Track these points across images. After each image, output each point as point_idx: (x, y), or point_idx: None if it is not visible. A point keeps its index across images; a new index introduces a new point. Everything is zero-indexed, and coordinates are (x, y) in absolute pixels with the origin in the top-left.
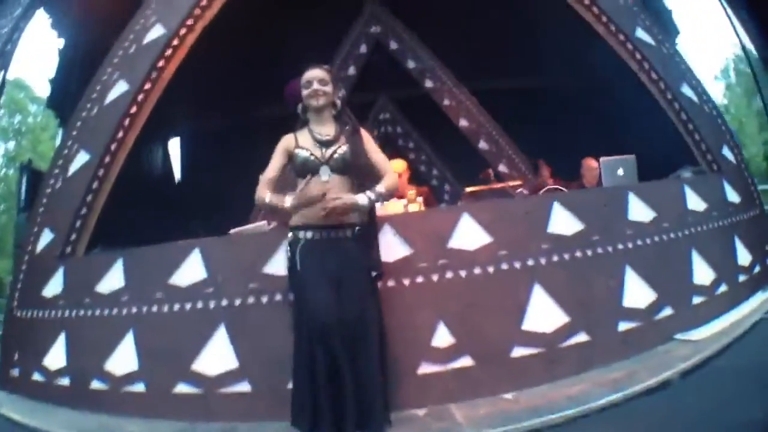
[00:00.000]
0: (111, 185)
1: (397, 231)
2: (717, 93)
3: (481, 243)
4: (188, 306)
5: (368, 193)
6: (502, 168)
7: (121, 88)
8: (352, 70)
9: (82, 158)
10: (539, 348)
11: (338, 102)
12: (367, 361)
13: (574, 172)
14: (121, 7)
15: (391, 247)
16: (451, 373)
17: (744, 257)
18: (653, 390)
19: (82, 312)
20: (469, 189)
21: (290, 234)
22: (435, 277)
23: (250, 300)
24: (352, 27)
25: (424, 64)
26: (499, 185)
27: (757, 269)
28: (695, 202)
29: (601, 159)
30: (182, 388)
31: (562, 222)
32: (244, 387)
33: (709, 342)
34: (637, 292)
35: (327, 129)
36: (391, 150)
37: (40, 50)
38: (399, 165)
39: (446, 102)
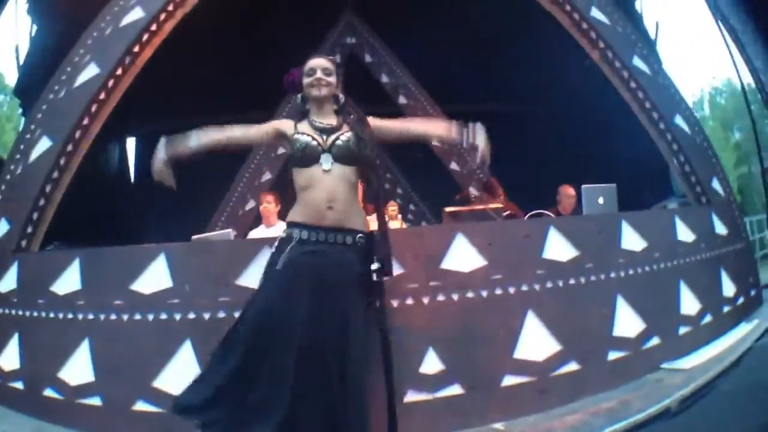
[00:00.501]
0: (71, 176)
1: None
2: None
3: (475, 265)
4: (151, 316)
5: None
6: (473, 190)
7: (91, 71)
8: None
9: (44, 144)
10: (530, 377)
11: (341, 96)
12: (350, 385)
13: (546, 198)
14: None
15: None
16: (440, 402)
17: (729, 289)
18: (654, 418)
19: (36, 313)
20: (448, 209)
21: (285, 230)
22: (426, 300)
23: (221, 314)
24: (327, 36)
25: (398, 79)
26: (480, 207)
27: (740, 300)
28: (685, 234)
29: (583, 186)
30: (142, 406)
31: (558, 248)
32: None
33: (700, 370)
34: (627, 322)
35: (327, 119)
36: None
37: (12, 37)
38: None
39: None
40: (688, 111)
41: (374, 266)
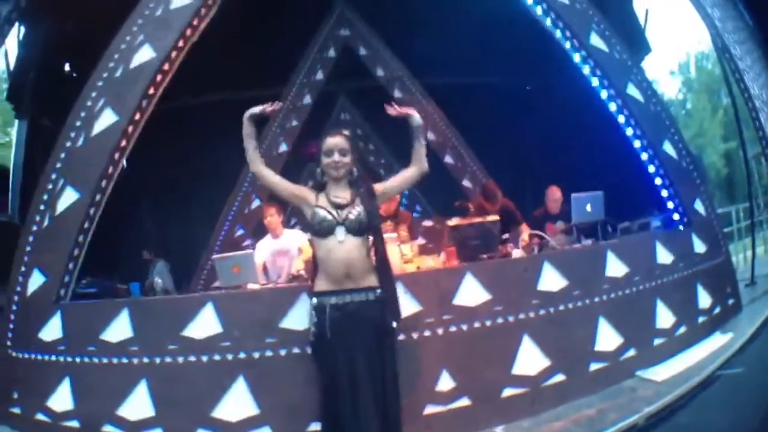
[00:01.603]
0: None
1: (407, 289)
2: (672, 88)
3: (481, 300)
4: (205, 358)
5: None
6: (466, 183)
7: (109, 118)
8: (320, 75)
9: (70, 196)
10: (525, 388)
11: (355, 170)
12: (372, 411)
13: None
14: None
15: (403, 304)
16: (452, 413)
17: (705, 301)
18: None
19: (87, 359)
20: (451, 223)
21: (314, 300)
22: (440, 331)
23: (268, 353)
24: (321, 28)
25: (393, 72)
26: (478, 219)
27: (717, 310)
28: (664, 256)
29: (572, 195)
30: None
31: (550, 280)
32: None
33: (668, 385)
34: (607, 338)
35: (343, 193)
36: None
37: None
38: None
39: None
40: (677, 136)
41: (394, 325)
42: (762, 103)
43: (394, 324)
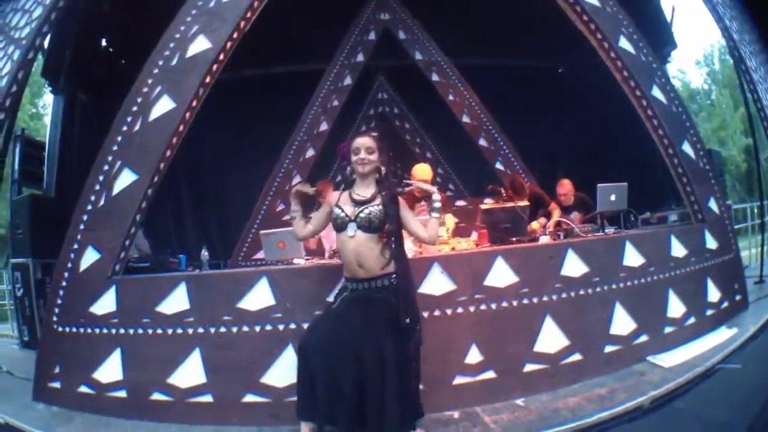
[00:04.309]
0: None
1: (444, 269)
2: (697, 78)
3: (509, 282)
4: (257, 328)
5: (434, 198)
6: (499, 166)
7: (166, 104)
8: (360, 57)
9: (128, 177)
10: (544, 364)
11: (383, 169)
12: (384, 388)
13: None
14: None
15: (439, 283)
16: (478, 383)
17: (714, 294)
18: (631, 412)
19: (141, 330)
20: (483, 206)
21: (342, 281)
22: (472, 309)
23: None
24: (361, 12)
25: (431, 57)
26: (510, 204)
27: (724, 304)
28: (678, 250)
29: (598, 185)
30: (251, 398)
31: (573, 266)
32: None
33: (674, 372)
34: (621, 322)
35: (367, 191)
36: (388, 130)
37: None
38: (425, 170)
39: (450, 97)
40: (696, 137)
41: (407, 321)
42: None
43: (407, 320)
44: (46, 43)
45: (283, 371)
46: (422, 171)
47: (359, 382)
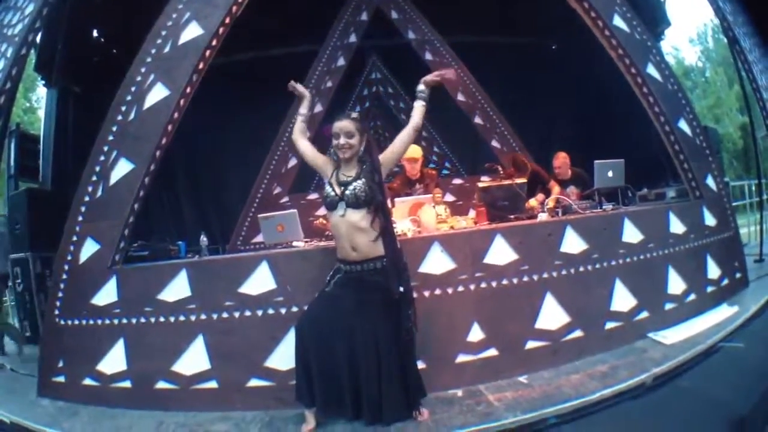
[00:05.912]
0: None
1: (444, 248)
2: (692, 56)
3: (509, 259)
4: (259, 312)
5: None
6: (495, 143)
7: (160, 92)
8: (353, 38)
9: (124, 167)
10: (546, 341)
11: (362, 150)
12: (380, 371)
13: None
14: None
15: (439, 262)
16: (481, 361)
17: (714, 272)
18: (633, 389)
19: (143, 319)
20: (481, 185)
21: (336, 263)
22: (472, 287)
23: None
24: None
25: (424, 36)
26: (507, 182)
27: (725, 282)
28: (677, 226)
29: (595, 162)
30: (255, 382)
31: (572, 243)
32: None
33: (676, 350)
34: (622, 299)
35: (352, 171)
36: (381, 109)
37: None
38: (416, 151)
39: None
40: (692, 115)
41: (401, 289)
42: None
43: (401, 288)
44: (38, 38)
45: (287, 354)
46: (412, 150)
47: (354, 365)
